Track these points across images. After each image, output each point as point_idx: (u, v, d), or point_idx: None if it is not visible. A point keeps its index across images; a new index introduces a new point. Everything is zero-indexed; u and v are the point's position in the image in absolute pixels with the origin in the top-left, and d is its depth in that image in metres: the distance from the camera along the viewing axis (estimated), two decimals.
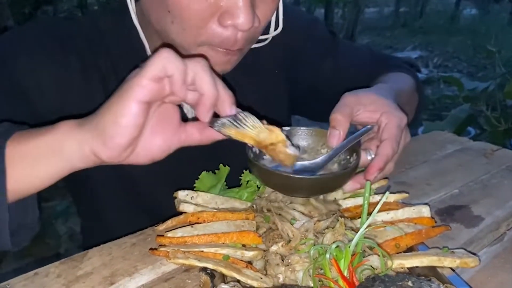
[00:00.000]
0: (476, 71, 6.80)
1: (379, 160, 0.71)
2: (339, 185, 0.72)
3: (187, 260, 0.62)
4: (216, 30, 0.71)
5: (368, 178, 0.71)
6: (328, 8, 8.48)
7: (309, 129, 0.79)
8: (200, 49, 0.74)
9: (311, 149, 0.78)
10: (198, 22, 0.70)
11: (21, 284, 0.65)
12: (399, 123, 0.73)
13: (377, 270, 0.60)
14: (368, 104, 0.74)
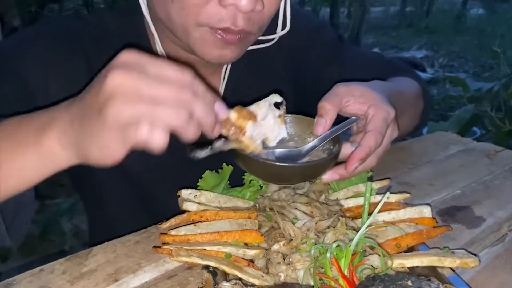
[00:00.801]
0: (482, 71, 6.77)
1: (361, 151, 0.70)
2: (317, 174, 0.71)
3: (190, 258, 0.62)
4: (216, 8, 0.70)
5: (348, 169, 0.70)
6: (334, 7, 8.46)
7: (296, 116, 0.78)
8: (200, 29, 0.74)
9: (298, 137, 0.78)
10: (198, 1, 0.70)
11: (27, 280, 0.66)
12: (385, 117, 0.72)
13: (378, 269, 0.61)
14: (358, 96, 0.74)
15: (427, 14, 11.95)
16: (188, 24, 0.74)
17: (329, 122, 0.72)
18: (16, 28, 3.51)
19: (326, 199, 0.78)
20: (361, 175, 0.85)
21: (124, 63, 0.50)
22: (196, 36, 0.75)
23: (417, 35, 9.80)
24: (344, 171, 0.71)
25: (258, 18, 0.74)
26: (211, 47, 0.75)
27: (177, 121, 0.50)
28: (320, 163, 0.70)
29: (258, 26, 0.76)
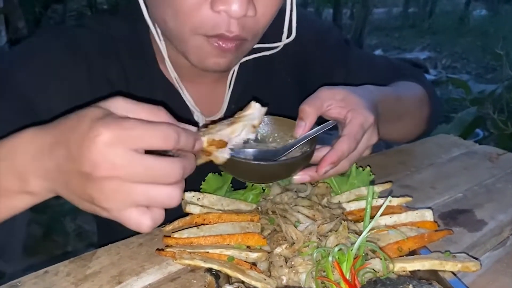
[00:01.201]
0: (485, 73, 6.75)
1: (332, 155, 0.70)
2: (289, 173, 0.73)
3: (193, 260, 0.63)
4: (208, 14, 0.70)
5: (318, 171, 0.71)
6: (337, 9, 8.47)
7: (279, 118, 0.80)
8: (196, 38, 0.74)
9: (281, 138, 0.80)
10: (189, 8, 0.70)
11: (32, 282, 0.67)
12: (362, 122, 0.72)
13: (379, 273, 0.61)
14: (339, 100, 0.75)
15: (430, 15, 11.93)
16: (183, 31, 0.74)
17: (309, 124, 0.74)
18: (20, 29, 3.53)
19: (328, 202, 0.78)
20: (363, 178, 0.86)
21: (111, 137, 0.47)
22: (192, 45, 0.76)
23: (420, 36, 9.80)
24: (315, 173, 0.72)
25: (252, 24, 0.74)
26: (207, 56, 0.76)
27: (174, 200, 0.52)
28: (291, 162, 0.72)
29: (252, 32, 0.76)
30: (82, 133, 0.47)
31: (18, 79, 0.78)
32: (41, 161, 0.52)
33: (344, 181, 0.86)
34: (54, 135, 0.51)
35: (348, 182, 0.85)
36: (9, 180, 0.54)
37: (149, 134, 0.48)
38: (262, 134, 0.81)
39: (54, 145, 0.50)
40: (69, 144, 0.49)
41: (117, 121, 0.48)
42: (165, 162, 0.50)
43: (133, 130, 0.48)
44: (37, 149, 0.52)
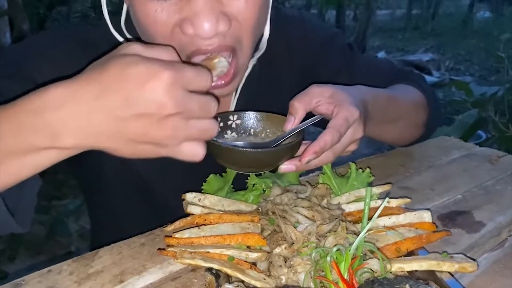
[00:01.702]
0: (489, 75, 6.74)
1: (315, 145, 0.72)
2: (275, 162, 0.76)
3: (194, 260, 0.64)
4: (183, 39, 0.71)
5: (301, 160, 0.73)
6: (340, 10, 8.48)
7: (271, 115, 0.85)
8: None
9: (272, 134, 0.84)
10: (162, 34, 0.72)
11: (36, 281, 0.68)
12: (347, 116, 0.74)
13: (377, 273, 0.62)
14: (328, 97, 0.78)
15: (433, 17, 11.92)
16: None
17: (297, 119, 0.77)
18: (25, 31, 3.55)
19: (328, 204, 0.79)
20: (363, 179, 0.86)
21: (173, 78, 0.50)
22: None
23: (423, 38, 9.79)
24: (299, 163, 0.74)
25: (236, 30, 0.74)
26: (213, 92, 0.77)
27: (216, 130, 0.58)
28: (276, 150, 0.75)
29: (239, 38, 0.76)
30: (140, 76, 0.49)
31: (31, 67, 0.79)
32: (81, 116, 0.51)
33: (344, 183, 0.87)
34: (96, 85, 0.51)
35: (348, 183, 0.86)
36: (39, 137, 0.53)
37: (197, 77, 0.53)
38: (255, 130, 0.84)
39: (102, 95, 0.50)
40: (125, 90, 0.50)
41: (171, 63, 0.52)
42: (209, 99, 0.56)
43: (186, 72, 0.52)
44: (75, 103, 0.51)
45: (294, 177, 0.90)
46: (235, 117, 0.84)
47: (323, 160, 0.76)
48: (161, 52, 0.55)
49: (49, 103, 0.52)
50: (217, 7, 0.69)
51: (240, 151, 0.73)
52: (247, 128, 0.85)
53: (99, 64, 0.53)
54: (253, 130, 0.85)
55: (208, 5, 0.67)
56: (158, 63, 0.51)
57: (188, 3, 0.68)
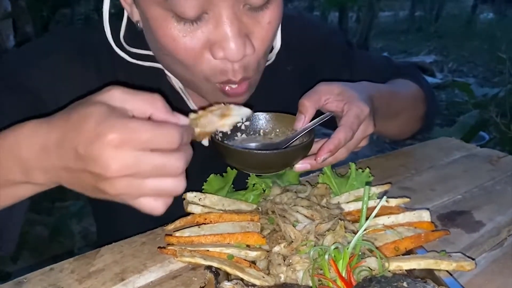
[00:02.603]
0: (492, 76, 6.72)
1: (330, 143, 0.74)
2: (289, 162, 0.77)
3: (193, 258, 0.65)
4: (212, 63, 0.71)
5: (317, 159, 0.74)
6: (343, 12, 8.46)
7: (280, 114, 0.86)
8: (207, 85, 0.76)
9: (282, 133, 0.85)
10: (193, 60, 0.71)
11: (38, 279, 0.69)
12: (358, 113, 0.76)
13: (375, 271, 0.62)
14: (336, 94, 0.79)
15: (436, 18, 11.89)
16: (196, 79, 0.76)
17: (308, 117, 0.78)
18: (28, 33, 3.57)
19: (327, 203, 0.80)
20: (362, 179, 0.87)
21: (118, 140, 0.48)
22: (206, 90, 0.78)
23: (427, 39, 9.77)
24: (314, 161, 0.75)
25: (253, 61, 0.74)
26: (223, 98, 0.77)
27: (180, 189, 0.54)
28: (290, 150, 0.75)
29: (255, 68, 0.77)
30: (89, 135, 0.48)
31: (28, 76, 0.79)
32: (46, 158, 0.53)
33: (343, 183, 0.87)
34: (59, 132, 0.52)
35: (347, 183, 0.87)
36: (14, 171, 0.55)
37: (156, 137, 0.50)
38: (264, 130, 0.85)
39: (60, 144, 0.51)
40: (76, 145, 0.49)
41: (123, 123, 0.49)
42: (171, 158, 0.52)
43: (140, 132, 0.49)
44: (42, 145, 0.52)
45: (294, 177, 0.90)
46: (244, 118, 0.84)
47: (337, 157, 0.78)
48: (140, 102, 0.53)
49: (22, 141, 0.54)
50: (243, 31, 0.69)
51: (254, 153, 0.73)
52: (257, 129, 0.86)
53: (73, 106, 0.53)
54: (263, 131, 0.86)
55: (236, 29, 0.67)
56: (111, 121, 0.48)
57: (216, 27, 0.68)
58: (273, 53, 0.91)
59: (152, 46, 0.79)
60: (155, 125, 0.50)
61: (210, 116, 0.61)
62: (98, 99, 0.51)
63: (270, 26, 0.73)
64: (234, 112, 0.61)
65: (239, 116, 0.61)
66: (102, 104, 0.50)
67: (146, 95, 0.54)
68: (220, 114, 0.61)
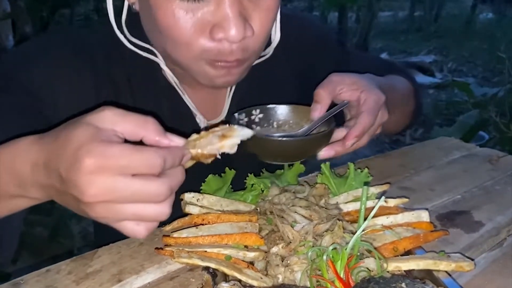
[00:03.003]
0: (492, 76, 6.72)
1: (358, 128, 0.76)
2: (312, 150, 0.77)
3: (191, 259, 0.64)
4: (207, 44, 0.72)
5: (346, 144, 0.76)
6: (342, 13, 8.45)
7: (293, 106, 0.86)
8: (199, 63, 0.76)
9: (296, 124, 0.85)
10: (187, 39, 0.72)
11: (34, 280, 0.68)
12: (376, 100, 0.78)
13: (373, 272, 0.62)
14: (350, 84, 0.80)
15: (436, 18, 11.89)
16: (186, 59, 0.76)
17: (324, 107, 0.79)
18: (28, 34, 3.56)
19: (325, 203, 0.79)
20: (361, 179, 0.87)
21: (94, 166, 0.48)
22: (197, 70, 0.78)
23: (426, 39, 9.76)
24: (339, 147, 0.77)
25: (252, 44, 0.75)
26: (215, 77, 0.78)
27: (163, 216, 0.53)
28: (315, 137, 0.76)
29: (253, 51, 0.77)
30: (69, 158, 0.48)
31: (24, 76, 0.79)
32: (37, 175, 0.53)
33: (342, 183, 0.87)
34: (47, 152, 0.52)
35: (346, 183, 0.86)
36: (10, 185, 0.56)
37: (134, 163, 0.49)
38: (278, 122, 0.86)
39: (47, 164, 0.52)
40: (59, 167, 0.50)
41: (101, 149, 0.48)
42: (151, 185, 0.50)
43: (117, 158, 0.48)
44: (34, 162, 0.53)
45: (293, 177, 0.90)
46: (258, 111, 0.85)
47: (360, 144, 0.80)
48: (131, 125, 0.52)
49: (18, 157, 0.55)
50: (243, 14, 0.71)
51: (279, 141, 0.74)
52: (270, 121, 0.86)
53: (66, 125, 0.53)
54: (276, 123, 0.86)
55: (236, 11, 0.69)
56: (91, 146, 0.48)
57: (217, 8, 0.69)
58: (271, 47, 0.91)
59: (148, 27, 0.80)
60: (134, 150, 0.49)
61: (211, 137, 0.60)
62: (88, 120, 0.51)
63: (269, 11, 0.75)
64: (235, 133, 0.60)
65: (240, 137, 0.60)
66: (89, 126, 0.50)
67: (138, 117, 0.53)
68: (220, 135, 0.60)
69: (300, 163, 0.91)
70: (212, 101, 0.96)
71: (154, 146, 0.53)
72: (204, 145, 0.59)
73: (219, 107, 0.97)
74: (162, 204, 0.52)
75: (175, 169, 0.54)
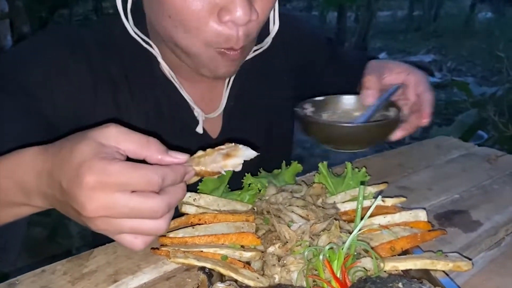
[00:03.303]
0: (491, 75, 6.72)
1: (427, 105, 0.84)
2: (387, 133, 0.82)
3: (187, 259, 0.64)
4: (217, 28, 0.72)
5: (424, 121, 0.84)
6: (341, 12, 8.45)
7: (333, 96, 0.90)
8: (208, 50, 0.76)
9: (345, 114, 0.88)
10: (198, 23, 0.72)
11: (30, 281, 0.68)
12: (425, 79, 0.85)
13: (370, 271, 0.62)
14: (394, 68, 0.86)
15: (435, 18, 11.90)
16: (195, 46, 0.76)
17: (376, 92, 0.84)
18: (26, 34, 3.56)
19: (323, 203, 0.79)
20: (359, 179, 0.86)
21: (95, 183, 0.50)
22: (205, 58, 0.78)
23: (425, 39, 9.78)
24: (411, 128, 0.87)
25: (253, 29, 0.76)
26: (219, 66, 0.79)
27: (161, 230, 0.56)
28: (389, 121, 0.81)
29: (253, 37, 0.78)
30: (71, 173, 0.50)
31: (22, 77, 0.79)
32: (41, 185, 0.55)
33: (339, 182, 0.86)
34: (51, 163, 0.54)
35: (344, 183, 0.86)
36: (15, 194, 0.58)
37: (133, 180, 0.51)
38: (327, 114, 0.88)
39: (50, 175, 0.53)
40: (61, 180, 0.52)
41: (102, 166, 0.50)
42: (149, 202, 0.52)
43: (117, 176, 0.50)
44: (38, 173, 0.55)
45: (290, 177, 0.90)
46: (309, 105, 0.88)
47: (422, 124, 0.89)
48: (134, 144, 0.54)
49: (23, 166, 0.57)
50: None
51: (355, 126, 0.77)
52: (318, 113, 0.88)
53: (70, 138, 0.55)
54: (326, 115, 0.88)
55: None
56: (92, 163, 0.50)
57: None
58: (269, 37, 0.92)
59: (154, 15, 0.79)
60: (134, 168, 0.51)
61: (216, 155, 0.61)
62: (92, 136, 0.53)
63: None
64: (240, 153, 0.61)
65: (244, 157, 0.61)
66: (92, 142, 0.52)
67: (141, 137, 0.55)
68: (225, 154, 0.61)
69: (297, 163, 0.90)
70: (210, 95, 0.96)
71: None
72: (208, 163, 0.60)
73: (217, 100, 0.97)
74: (159, 220, 0.54)
75: (176, 186, 0.56)
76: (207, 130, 0.95)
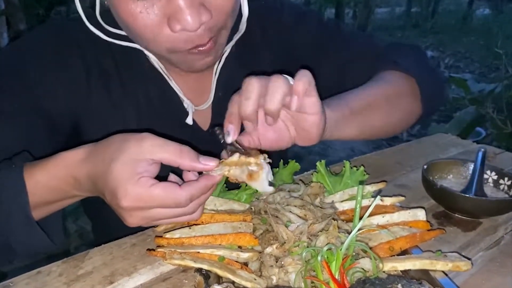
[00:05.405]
0: (489, 72, 6.72)
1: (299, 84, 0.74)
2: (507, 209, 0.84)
3: (183, 261, 0.63)
4: (173, 35, 0.72)
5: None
6: (339, 8, 8.45)
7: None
8: (175, 54, 0.77)
9: (455, 178, 0.96)
10: (152, 35, 0.72)
11: (24, 282, 0.67)
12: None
13: (369, 272, 0.61)
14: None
15: (432, 14, 11.89)
16: (161, 52, 0.77)
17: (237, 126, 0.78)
18: (22, 31, 3.54)
19: (321, 202, 0.78)
20: (357, 178, 0.85)
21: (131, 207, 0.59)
22: (174, 59, 0.79)
23: (423, 35, 9.77)
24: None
25: (215, 22, 0.74)
26: (193, 62, 0.79)
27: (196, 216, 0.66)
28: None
29: (221, 26, 0.76)
30: (110, 192, 0.59)
31: (19, 74, 0.80)
32: (90, 184, 0.62)
33: (338, 181, 0.85)
34: (94, 175, 0.61)
35: (342, 182, 0.85)
36: (69, 187, 0.65)
37: (164, 204, 0.60)
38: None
39: (95, 181, 0.61)
40: (104, 191, 0.60)
41: (137, 193, 0.58)
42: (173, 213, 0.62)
43: (150, 203, 0.59)
44: (85, 174, 0.62)
45: (288, 176, 0.89)
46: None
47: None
48: (167, 154, 0.59)
49: (73, 163, 0.63)
50: (197, 0, 0.70)
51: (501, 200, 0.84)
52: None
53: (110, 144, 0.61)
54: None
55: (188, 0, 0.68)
56: (127, 189, 0.57)
57: (169, 1, 0.69)
58: (242, 23, 0.90)
59: (119, 23, 0.80)
60: (165, 194, 0.59)
61: (244, 169, 0.65)
62: (128, 150, 0.59)
63: None
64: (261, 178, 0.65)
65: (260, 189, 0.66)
66: (128, 159, 0.58)
67: (174, 147, 0.60)
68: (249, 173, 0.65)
69: (295, 162, 0.89)
70: (199, 86, 0.96)
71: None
72: (236, 174, 0.65)
73: (206, 92, 0.96)
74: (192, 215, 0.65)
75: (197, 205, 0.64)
76: (197, 122, 0.95)
